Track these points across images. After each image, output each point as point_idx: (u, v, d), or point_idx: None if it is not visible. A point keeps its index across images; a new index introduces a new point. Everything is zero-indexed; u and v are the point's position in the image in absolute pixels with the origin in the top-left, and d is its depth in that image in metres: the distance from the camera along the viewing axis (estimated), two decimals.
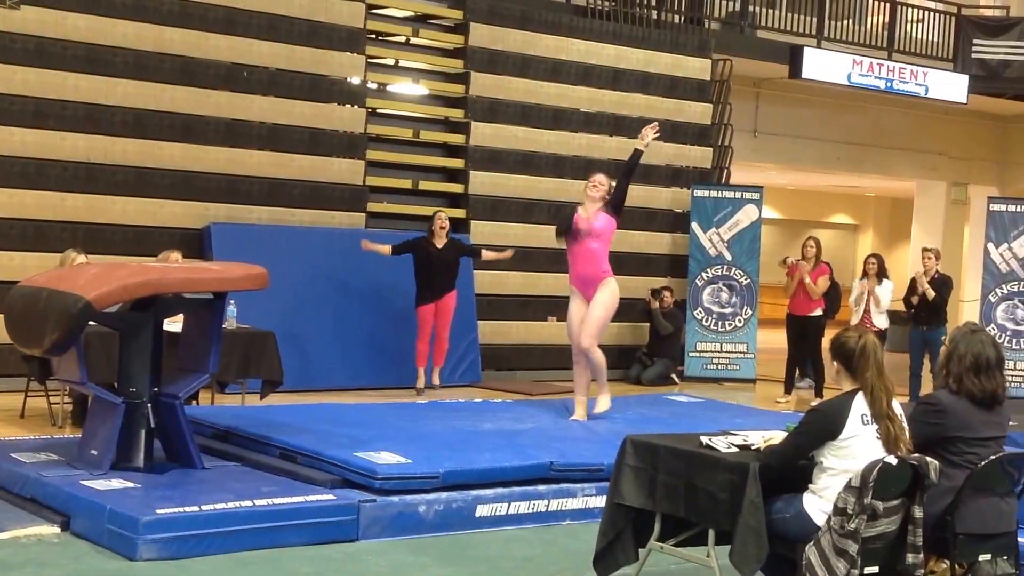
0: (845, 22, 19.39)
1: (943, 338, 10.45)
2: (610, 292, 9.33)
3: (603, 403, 9.41)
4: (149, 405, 7.07)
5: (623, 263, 15.39)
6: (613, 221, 9.41)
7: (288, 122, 13.17)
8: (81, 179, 11.90)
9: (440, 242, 12.32)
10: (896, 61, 19.05)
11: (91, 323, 6.98)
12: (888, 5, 19.74)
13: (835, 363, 5.06)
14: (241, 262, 8.54)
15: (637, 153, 9.60)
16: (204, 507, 6.16)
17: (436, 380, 12.53)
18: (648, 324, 15.00)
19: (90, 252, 10.00)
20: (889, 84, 18.80)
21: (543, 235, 14.80)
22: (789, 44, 18.03)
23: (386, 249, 12.25)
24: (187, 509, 6.11)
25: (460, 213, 14.06)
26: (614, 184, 9.51)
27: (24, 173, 11.62)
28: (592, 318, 9.24)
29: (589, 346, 9.27)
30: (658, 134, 9.84)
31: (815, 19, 18.80)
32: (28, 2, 11.74)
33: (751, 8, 18.33)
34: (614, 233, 9.50)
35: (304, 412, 8.73)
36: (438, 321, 12.35)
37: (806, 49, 17.88)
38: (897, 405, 5.02)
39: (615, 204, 9.42)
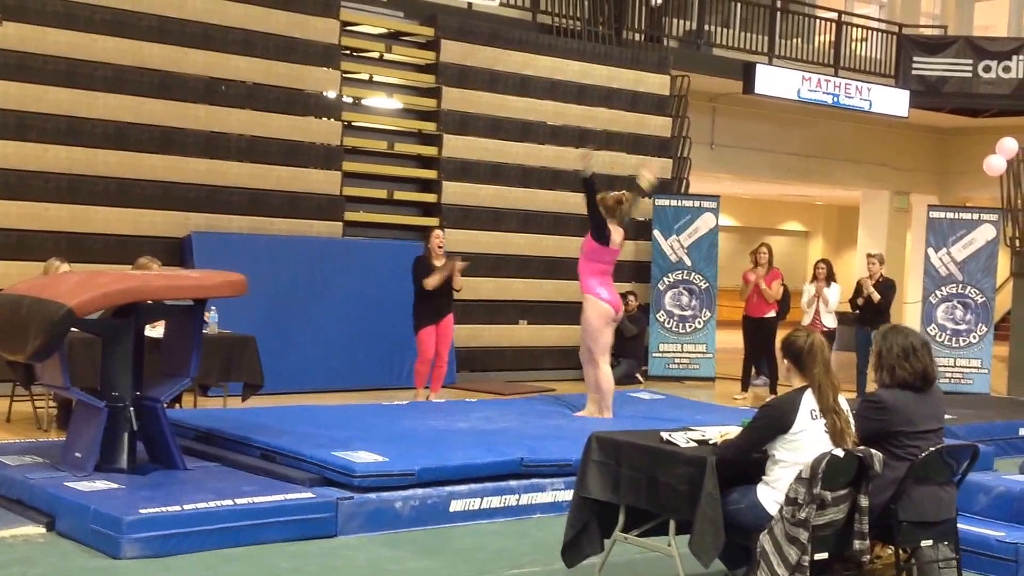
0: (795, 40, 19.51)
1: None
2: (589, 307, 9.40)
3: (588, 410, 9.50)
4: (131, 409, 7.01)
5: None
6: (588, 240, 9.46)
7: (266, 134, 13.09)
8: (64, 190, 11.79)
9: (439, 261, 11.07)
10: (842, 77, 19.20)
11: (74, 329, 6.90)
12: (834, 25, 19.88)
13: (786, 361, 5.12)
14: (221, 270, 8.46)
15: (585, 182, 9.54)
16: (186, 506, 6.10)
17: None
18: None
19: (73, 261, 9.91)
20: (836, 99, 18.93)
21: (513, 242, 14.82)
22: (743, 61, 18.13)
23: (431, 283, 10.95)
24: (170, 508, 6.04)
25: (434, 222, 14.00)
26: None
27: (7, 184, 11.50)
28: (582, 338, 9.56)
29: (586, 365, 9.52)
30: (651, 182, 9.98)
31: (767, 38, 18.93)
32: (10, 18, 11.65)
33: (707, 27, 18.43)
34: (594, 251, 9.42)
35: (284, 414, 8.66)
36: (439, 344, 11.06)
37: (758, 66, 17.99)
38: (843, 400, 5.07)
39: (590, 226, 9.44)
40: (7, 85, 11.57)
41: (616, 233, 9.47)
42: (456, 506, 6.86)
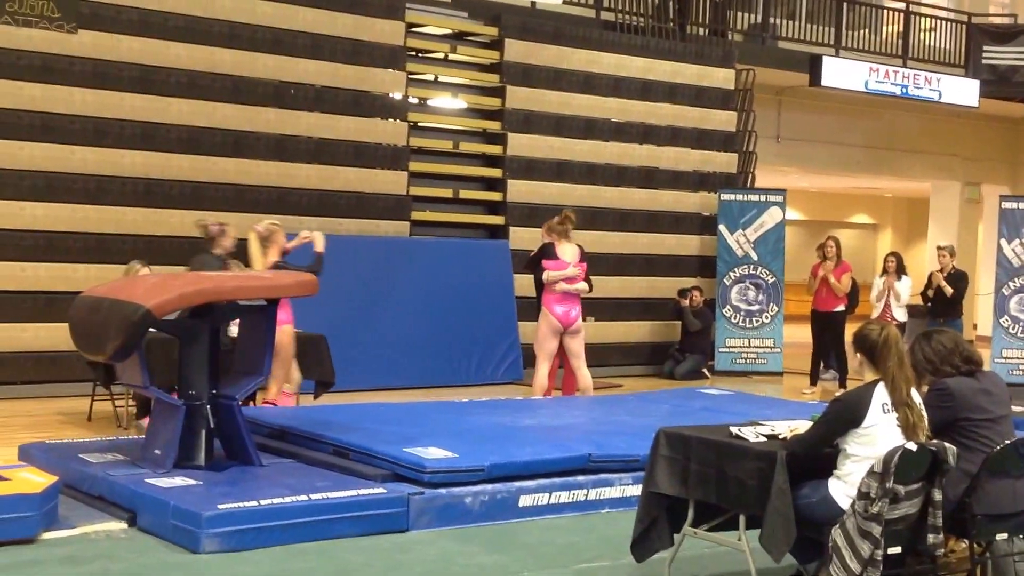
0: (862, 32, 19.32)
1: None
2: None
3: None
4: (208, 406, 7.11)
5: (654, 265, 15.46)
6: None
7: (334, 136, 13.23)
8: (139, 194, 12.00)
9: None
10: (910, 68, 19.00)
11: (152, 330, 7.02)
12: (902, 15, 19.65)
13: (858, 355, 5.06)
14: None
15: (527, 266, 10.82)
16: (262, 502, 6.17)
17: None
18: (679, 322, 14.98)
19: (150, 263, 10.08)
20: (904, 90, 18.73)
21: (578, 240, 14.78)
22: (809, 54, 17.99)
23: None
24: (246, 504, 6.12)
25: (499, 220, 14.08)
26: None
27: (86, 189, 11.73)
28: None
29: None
30: None
31: (833, 29, 18.76)
32: (85, 26, 11.87)
33: (772, 20, 18.31)
34: (545, 271, 10.41)
35: (355, 411, 8.74)
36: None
37: (825, 58, 17.85)
38: (915, 394, 5.01)
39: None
40: (84, 92, 11.80)
41: (565, 253, 10.51)
42: (525, 501, 6.88)
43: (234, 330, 8.05)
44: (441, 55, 14.76)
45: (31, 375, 11.20)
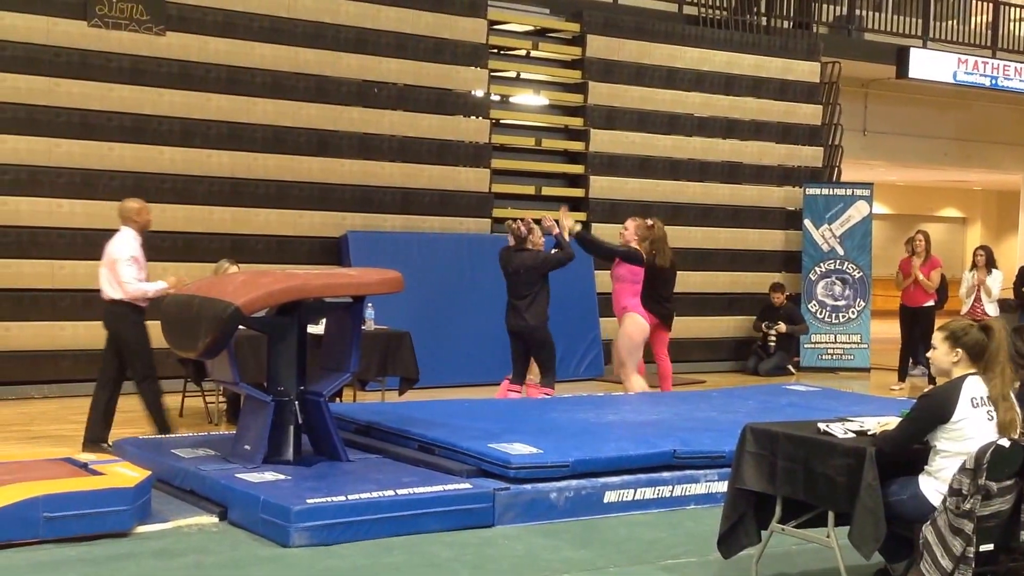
0: (949, 22, 19.04)
1: None
2: (631, 323, 9.95)
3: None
4: (296, 403, 7.20)
5: (737, 260, 15.37)
6: (634, 269, 9.97)
7: (417, 135, 13.33)
8: (227, 193, 12.19)
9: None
10: (1000, 59, 18.64)
11: (241, 327, 7.14)
12: (991, 5, 19.31)
13: (957, 350, 4.98)
14: (377, 267, 8.66)
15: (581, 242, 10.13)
16: (350, 497, 6.25)
17: None
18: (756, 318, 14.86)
19: (236, 261, 10.24)
20: (994, 81, 18.44)
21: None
22: (896, 45, 17.78)
23: None
24: (335, 499, 6.19)
25: (582, 216, 14.09)
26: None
27: (174, 189, 11.95)
28: (617, 348, 10.00)
29: (619, 374, 10.05)
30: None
31: (920, 20, 18.51)
32: (172, 28, 12.08)
33: (858, 12, 18.10)
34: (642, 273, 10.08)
35: (439, 407, 8.80)
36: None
37: (912, 50, 17.63)
38: (1010, 391, 4.96)
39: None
40: (172, 94, 12.02)
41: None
42: (610, 497, 6.89)
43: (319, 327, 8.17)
44: (523, 52, 14.80)
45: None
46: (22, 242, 11.27)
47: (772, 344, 14.59)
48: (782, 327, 14.56)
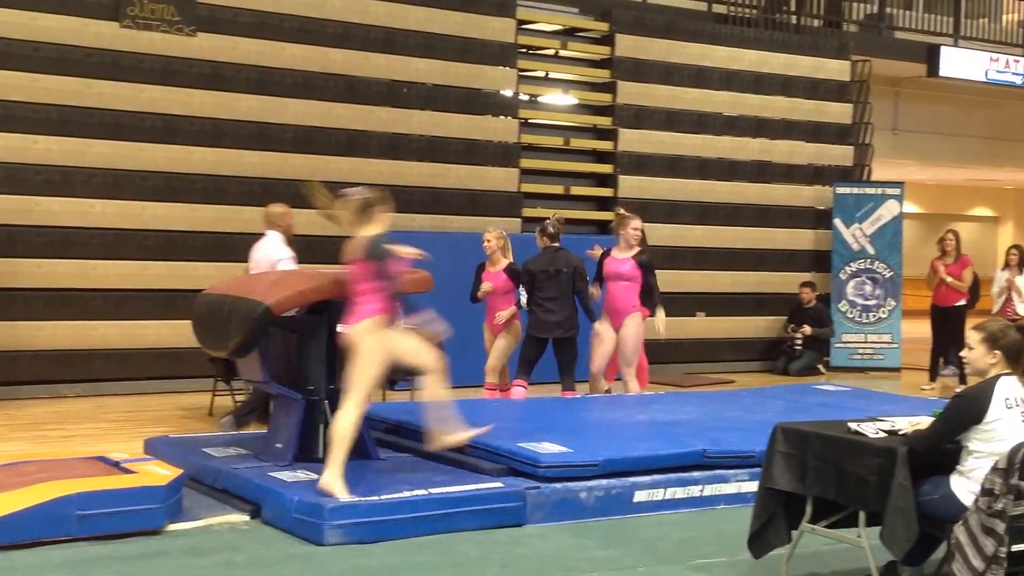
0: (981, 21, 18.95)
1: None
2: (638, 322, 9.84)
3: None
4: (326, 401, 7.23)
5: (766, 259, 15.34)
6: (640, 272, 9.83)
7: (445, 134, 13.38)
8: (256, 193, 12.23)
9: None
10: None
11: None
12: (1023, 3, 19.20)
13: (996, 352, 4.96)
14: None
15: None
16: (383, 496, 6.28)
17: None
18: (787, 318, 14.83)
19: None
20: None
21: (690, 235, 14.80)
22: (926, 44, 17.71)
23: None
24: (368, 498, 6.23)
25: (610, 216, 14.06)
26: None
27: (205, 189, 12.04)
28: (623, 348, 9.84)
29: (624, 373, 9.95)
30: None
31: (951, 19, 18.43)
32: (202, 29, 12.16)
33: (888, 10, 18.04)
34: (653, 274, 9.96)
35: (467, 406, 8.77)
36: None
37: (943, 48, 17.56)
38: None
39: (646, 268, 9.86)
40: (203, 94, 12.10)
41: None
42: (640, 496, 6.89)
43: None
44: (552, 51, 14.83)
45: (154, 371, 11.54)
46: (55, 242, 11.38)
47: (799, 347, 14.56)
48: (807, 330, 14.52)
